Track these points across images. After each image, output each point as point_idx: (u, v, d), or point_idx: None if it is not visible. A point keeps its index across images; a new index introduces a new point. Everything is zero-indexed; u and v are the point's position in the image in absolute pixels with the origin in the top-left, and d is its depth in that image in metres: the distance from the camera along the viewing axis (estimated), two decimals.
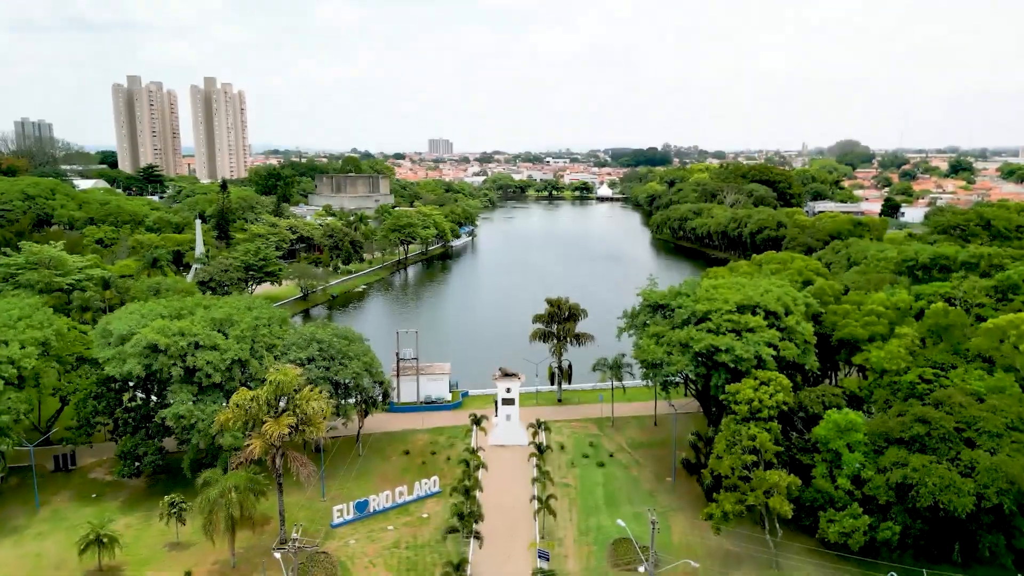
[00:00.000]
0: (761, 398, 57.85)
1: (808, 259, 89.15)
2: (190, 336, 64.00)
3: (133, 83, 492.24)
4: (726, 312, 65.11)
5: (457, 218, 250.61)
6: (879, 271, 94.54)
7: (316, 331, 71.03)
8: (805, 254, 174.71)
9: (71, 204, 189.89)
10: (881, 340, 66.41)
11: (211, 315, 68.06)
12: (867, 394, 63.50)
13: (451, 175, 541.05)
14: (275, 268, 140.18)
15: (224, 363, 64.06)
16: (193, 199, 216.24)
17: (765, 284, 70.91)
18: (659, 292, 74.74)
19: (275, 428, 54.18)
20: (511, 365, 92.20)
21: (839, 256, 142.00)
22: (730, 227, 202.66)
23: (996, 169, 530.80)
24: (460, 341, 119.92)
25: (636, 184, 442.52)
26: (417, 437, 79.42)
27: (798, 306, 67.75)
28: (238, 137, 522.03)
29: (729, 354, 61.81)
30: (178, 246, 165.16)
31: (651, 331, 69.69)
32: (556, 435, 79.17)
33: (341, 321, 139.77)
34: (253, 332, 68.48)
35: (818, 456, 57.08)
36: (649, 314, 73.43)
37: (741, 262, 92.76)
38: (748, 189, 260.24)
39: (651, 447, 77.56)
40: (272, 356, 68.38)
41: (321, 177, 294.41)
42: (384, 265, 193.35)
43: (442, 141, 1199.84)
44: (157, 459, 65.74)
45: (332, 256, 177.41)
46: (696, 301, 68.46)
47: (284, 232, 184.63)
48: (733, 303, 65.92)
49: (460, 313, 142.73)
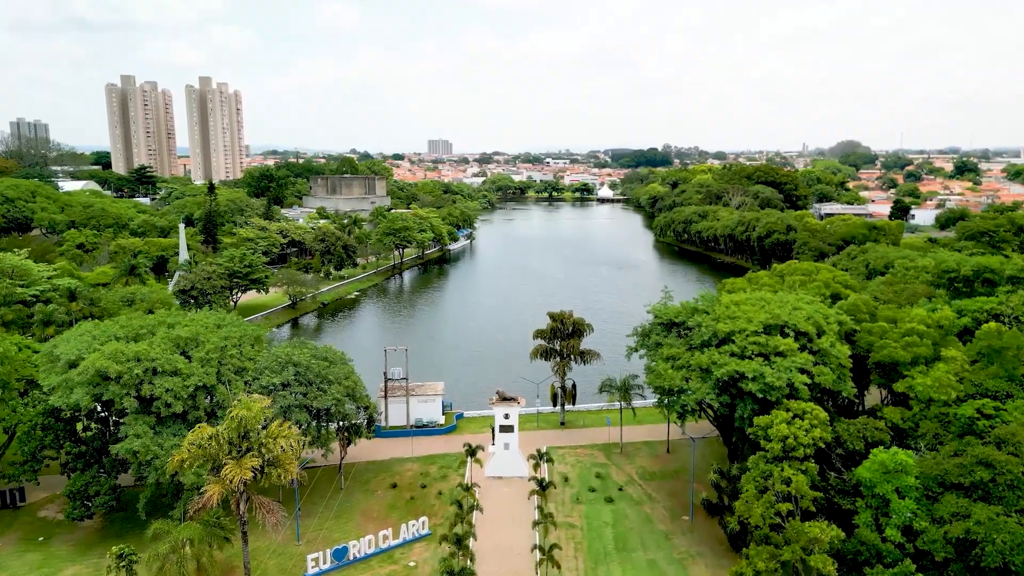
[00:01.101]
0: (796, 434, 50.52)
1: (835, 270, 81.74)
2: (147, 361, 56.62)
3: (127, 83, 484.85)
4: (752, 333, 57.76)
5: (455, 220, 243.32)
6: (907, 280, 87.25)
7: (292, 352, 63.64)
8: (817, 260, 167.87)
9: (52, 207, 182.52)
10: (925, 364, 59.09)
11: (174, 335, 60.66)
12: (911, 426, 56.15)
13: (450, 176, 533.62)
14: (261, 275, 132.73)
15: (186, 390, 56.70)
16: (182, 201, 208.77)
17: (792, 300, 63.52)
18: (673, 308, 67.43)
19: (236, 472, 46.79)
20: (510, 383, 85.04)
21: (855, 262, 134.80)
22: (737, 230, 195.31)
23: (1001, 170, 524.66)
24: (455, 355, 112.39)
25: (637, 185, 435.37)
26: (406, 467, 72.06)
27: (831, 325, 60.41)
28: (234, 138, 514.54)
29: (757, 382, 54.49)
30: (162, 251, 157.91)
31: (665, 352, 62.39)
32: (559, 464, 71.82)
33: (331, 330, 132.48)
34: (221, 354, 61.12)
35: (861, 502, 49.73)
36: (662, 332, 66.10)
37: (760, 273, 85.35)
38: (754, 191, 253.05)
39: (665, 478, 70.23)
40: (242, 381, 61.05)
41: (316, 178, 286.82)
42: (379, 270, 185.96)
43: (441, 142, 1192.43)
44: (110, 499, 58.36)
45: (324, 261, 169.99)
46: (717, 319, 61.11)
47: (274, 236, 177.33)
48: (759, 322, 58.56)
49: (456, 324, 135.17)
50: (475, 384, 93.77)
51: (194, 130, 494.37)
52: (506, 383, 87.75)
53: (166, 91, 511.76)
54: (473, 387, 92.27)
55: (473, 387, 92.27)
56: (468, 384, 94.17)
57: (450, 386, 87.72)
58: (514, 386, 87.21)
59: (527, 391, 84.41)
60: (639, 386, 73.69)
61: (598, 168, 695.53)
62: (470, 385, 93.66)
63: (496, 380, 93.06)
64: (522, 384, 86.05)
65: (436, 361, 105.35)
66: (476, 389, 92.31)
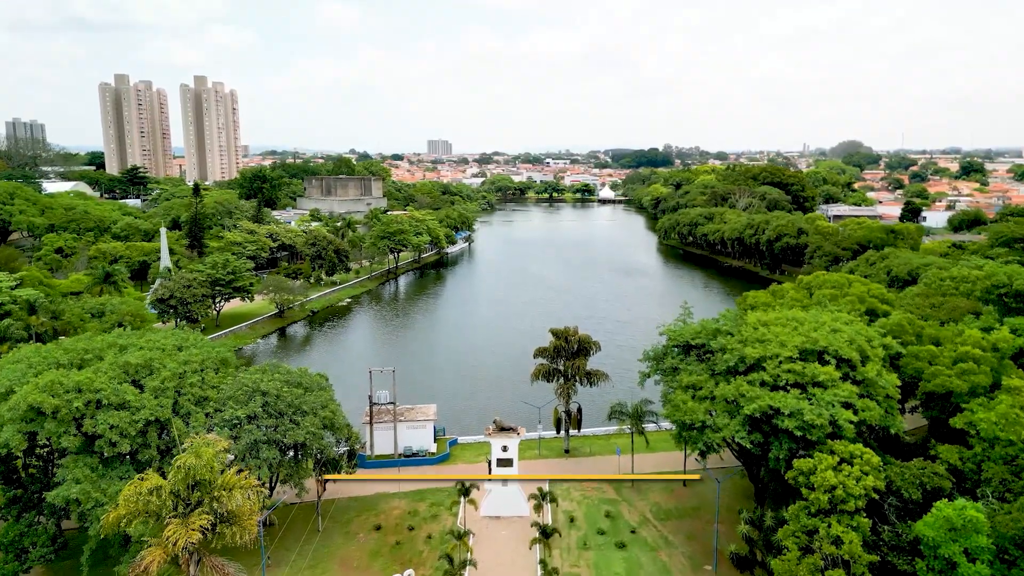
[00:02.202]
0: (845, 483, 42.96)
1: (868, 282, 74.02)
2: (90, 392, 49.07)
3: (120, 82, 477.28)
4: (786, 359, 50.19)
5: (453, 223, 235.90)
6: (943, 292, 79.61)
7: (262, 379, 56.00)
8: (831, 265, 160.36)
9: (32, 209, 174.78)
10: (984, 395, 51.59)
11: (124, 360, 53.09)
12: (972, 469, 48.62)
13: (449, 176, 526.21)
14: (245, 283, 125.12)
15: (135, 426, 49.15)
16: (169, 203, 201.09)
17: (828, 319, 55.90)
18: (690, 328, 59.78)
19: (182, 533, 39.26)
20: (508, 408, 77.90)
21: (875, 269, 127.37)
22: (746, 233, 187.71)
23: (1007, 171, 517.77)
24: (449, 373, 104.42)
25: (639, 186, 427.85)
26: (392, 505, 64.45)
27: (875, 349, 52.82)
28: (229, 137, 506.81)
29: (795, 419, 46.91)
30: (145, 256, 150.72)
31: (684, 380, 54.81)
32: (564, 500, 64.29)
33: (318, 341, 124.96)
34: (179, 382, 53.60)
35: (922, 564, 42.19)
36: (679, 356, 58.53)
37: (786, 285, 77.61)
38: (760, 192, 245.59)
39: (682, 517, 62.62)
40: (203, 413, 53.52)
41: (310, 179, 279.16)
42: (372, 275, 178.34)
43: (441, 142, 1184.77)
44: (48, 551, 50.75)
45: (314, 266, 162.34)
46: (744, 343, 53.53)
47: (263, 240, 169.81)
48: (793, 347, 50.98)
49: (451, 337, 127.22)
50: (471, 406, 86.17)
51: (189, 130, 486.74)
52: (504, 407, 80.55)
53: (161, 90, 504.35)
54: (468, 409, 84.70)
55: (468, 409, 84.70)
56: (463, 406, 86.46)
57: (443, 408, 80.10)
58: (513, 410, 79.83)
59: (528, 416, 76.95)
60: (653, 413, 66.15)
61: (599, 168, 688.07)
62: (465, 407, 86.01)
63: (493, 402, 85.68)
64: (522, 409, 78.68)
65: (428, 380, 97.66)
66: (472, 412, 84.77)
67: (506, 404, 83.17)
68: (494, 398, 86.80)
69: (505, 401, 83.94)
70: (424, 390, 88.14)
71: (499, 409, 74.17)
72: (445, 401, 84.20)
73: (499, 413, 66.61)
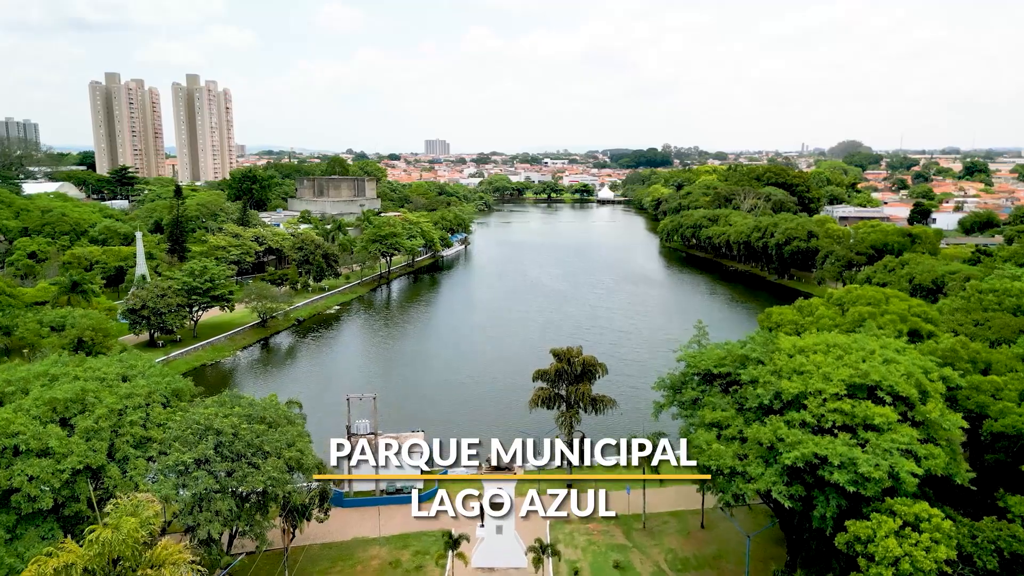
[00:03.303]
0: (912, 554, 35.27)
1: (909, 298, 66.19)
2: (5, 437, 41.26)
3: (111, 80, 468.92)
4: (831, 396, 42.44)
5: (448, 224, 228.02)
6: (985, 306, 71.97)
7: (217, 414, 48.10)
8: (844, 271, 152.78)
9: (6, 212, 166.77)
10: None
11: (48, 396, 45.21)
12: None
13: (446, 177, 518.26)
14: (225, 291, 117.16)
15: (59, 477, 41.37)
16: (152, 205, 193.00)
17: (877, 346, 48.00)
18: (713, 353, 51.98)
19: None
20: (503, 432, 69.68)
21: (894, 277, 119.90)
22: (753, 237, 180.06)
23: (1010, 171, 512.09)
24: (440, 392, 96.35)
25: (638, 186, 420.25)
26: (370, 552, 56.69)
27: (935, 383, 45.03)
28: (223, 137, 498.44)
29: (847, 471, 39.17)
30: (122, 261, 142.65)
31: (707, 416, 47.05)
32: (567, 547, 56.67)
33: (302, 354, 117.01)
34: (117, 421, 45.79)
35: None
36: (699, 386, 50.79)
37: (814, 301, 69.62)
38: (765, 193, 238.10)
39: (701, 567, 54.94)
40: (145, 458, 45.72)
41: (302, 180, 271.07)
42: (363, 280, 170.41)
43: (438, 142, 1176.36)
44: None
45: (301, 272, 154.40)
46: (779, 374, 45.75)
47: (249, 244, 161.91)
48: (839, 380, 43.20)
49: (442, 351, 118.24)
50: (463, 432, 78.19)
51: (181, 129, 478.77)
52: (499, 426, 72.58)
53: (153, 89, 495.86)
54: (460, 436, 76.75)
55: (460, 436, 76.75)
56: (454, 432, 78.45)
57: (433, 434, 72.11)
58: (508, 434, 71.78)
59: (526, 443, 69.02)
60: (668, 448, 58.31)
61: (597, 168, 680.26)
62: (457, 433, 78.01)
63: (487, 427, 77.71)
64: (518, 435, 70.62)
65: (416, 400, 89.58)
66: (463, 433, 76.83)
67: (501, 424, 75.45)
68: (487, 422, 78.88)
69: (499, 427, 76.10)
70: (412, 413, 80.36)
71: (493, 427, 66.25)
72: (433, 425, 76.27)
73: (494, 450, 58.68)
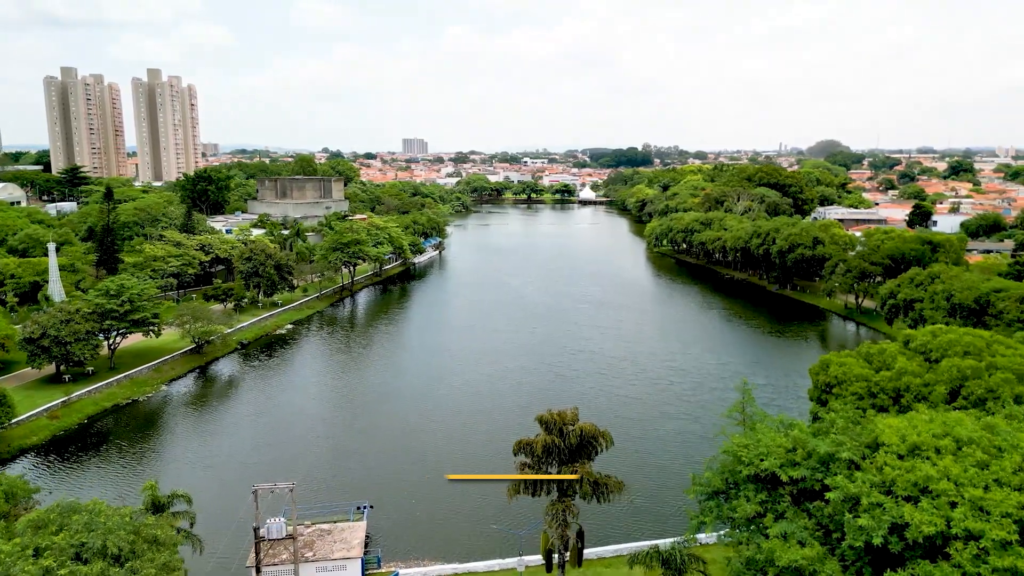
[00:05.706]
0: None
1: (1018, 345, 50.12)
2: None
3: (67, 75, 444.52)
4: (994, 544, 26.18)
5: (421, 228, 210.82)
6: None
7: (19, 554, 30.81)
8: (857, 282, 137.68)
9: None
10: None
11: None
12: None
13: (423, 176, 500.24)
14: (147, 314, 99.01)
15: None
16: (86, 208, 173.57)
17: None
18: (773, 443, 35.44)
19: None
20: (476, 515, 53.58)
21: (925, 294, 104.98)
22: (753, 243, 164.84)
23: (993, 170, 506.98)
24: (400, 442, 78.81)
25: (621, 186, 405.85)
26: None
27: None
28: (187, 135, 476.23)
29: None
30: (39, 275, 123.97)
31: (780, 555, 30.47)
32: None
33: (242, 386, 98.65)
34: None
35: None
36: (756, 495, 34.36)
37: (887, 346, 52.94)
38: (758, 194, 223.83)
39: None
40: None
41: (263, 180, 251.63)
42: (323, 294, 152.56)
43: (416, 141, 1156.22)
44: None
45: (249, 285, 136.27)
46: (891, 491, 29.40)
47: (192, 253, 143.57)
48: (1000, 515, 26.96)
49: (405, 384, 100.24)
50: (420, 516, 60.77)
51: (142, 126, 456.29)
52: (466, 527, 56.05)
53: (113, 85, 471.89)
54: (417, 522, 59.37)
55: (417, 522, 59.37)
56: (408, 514, 61.09)
57: (380, 520, 55.28)
58: (481, 540, 55.02)
59: (504, 544, 52.36)
60: (698, 559, 41.90)
61: (578, 168, 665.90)
62: (413, 518, 60.56)
63: (453, 510, 60.63)
64: (491, 536, 54.00)
65: (361, 466, 70.85)
66: (421, 524, 59.53)
67: (471, 522, 58.28)
68: (456, 502, 61.73)
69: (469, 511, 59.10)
70: (358, 482, 63.25)
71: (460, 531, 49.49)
72: (388, 502, 59.30)
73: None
